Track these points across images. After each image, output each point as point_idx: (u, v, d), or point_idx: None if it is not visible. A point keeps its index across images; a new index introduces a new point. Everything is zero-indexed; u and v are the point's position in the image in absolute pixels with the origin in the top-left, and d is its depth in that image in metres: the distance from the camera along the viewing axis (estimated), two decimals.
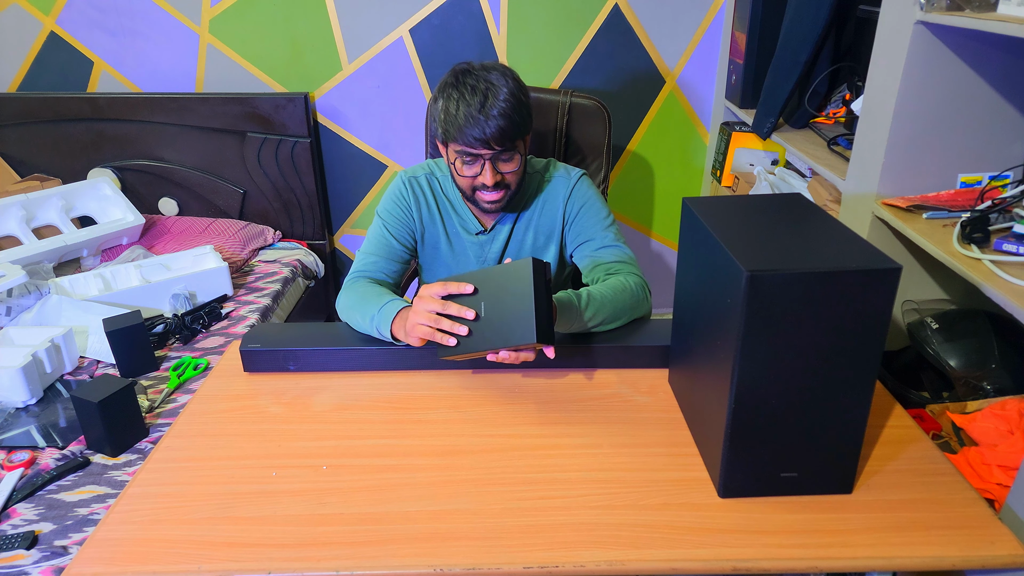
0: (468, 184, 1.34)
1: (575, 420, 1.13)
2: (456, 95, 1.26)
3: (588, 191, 1.45)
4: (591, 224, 1.43)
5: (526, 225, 1.47)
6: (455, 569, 0.87)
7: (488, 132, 1.24)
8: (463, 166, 1.32)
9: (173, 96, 2.51)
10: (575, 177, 1.45)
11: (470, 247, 1.49)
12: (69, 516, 1.30)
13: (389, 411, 1.17)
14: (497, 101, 1.24)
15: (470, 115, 1.24)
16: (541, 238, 1.48)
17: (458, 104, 1.25)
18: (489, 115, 1.23)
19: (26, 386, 1.57)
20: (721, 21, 2.46)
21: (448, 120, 1.27)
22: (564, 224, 1.46)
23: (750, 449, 0.93)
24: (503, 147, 1.28)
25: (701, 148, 2.68)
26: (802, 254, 0.87)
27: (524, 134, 1.32)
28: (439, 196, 1.47)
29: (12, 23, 2.50)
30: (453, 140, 1.29)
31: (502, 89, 1.26)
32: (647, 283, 1.36)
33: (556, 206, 1.45)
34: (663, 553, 0.88)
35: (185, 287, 2.01)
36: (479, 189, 1.34)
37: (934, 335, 1.48)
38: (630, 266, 1.39)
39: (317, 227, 2.69)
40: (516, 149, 1.31)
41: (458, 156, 1.31)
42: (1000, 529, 0.90)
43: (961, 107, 1.46)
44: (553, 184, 1.45)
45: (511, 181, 1.35)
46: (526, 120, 1.31)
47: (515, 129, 1.27)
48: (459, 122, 1.25)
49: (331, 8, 2.45)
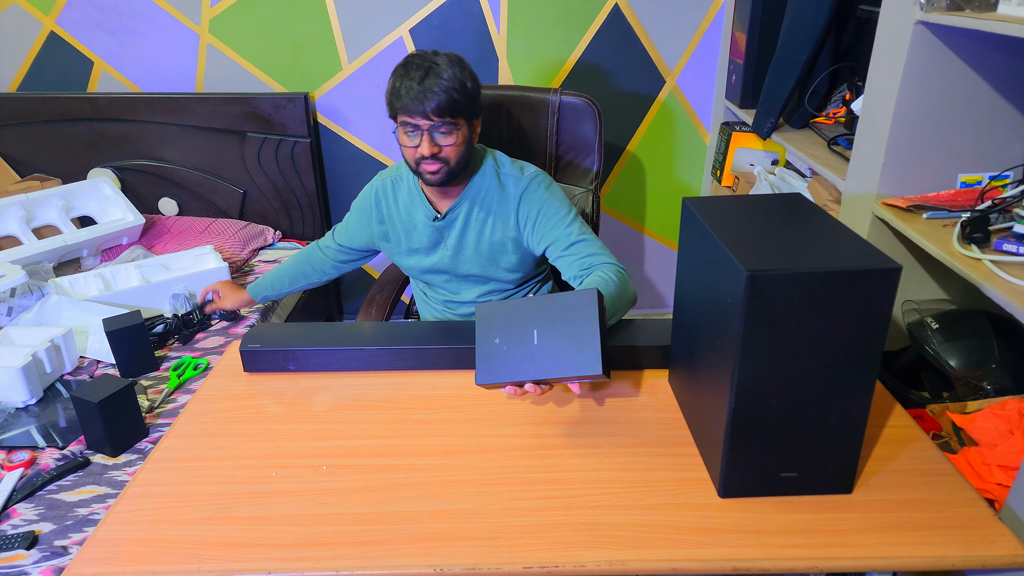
0: (411, 156, 1.40)
1: (575, 420, 1.13)
2: (402, 72, 1.36)
3: (540, 193, 1.48)
4: (553, 225, 1.46)
5: (485, 213, 1.51)
6: (455, 569, 0.87)
7: (425, 104, 1.32)
8: (405, 137, 1.39)
9: (173, 96, 2.51)
10: (524, 183, 1.48)
11: (427, 231, 1.54)
12: (69, 516, 1.30)
13: (389, 411, 1.17)
14: (438, 79, 1.33)
15: (410, 87, 1.33)
16: (497, 233, 1.51)
17: (401, 80, 1.35)
18: (428, 89, 1.32)
19: (26, 386, 1.57)
20: (721, 21, 2.46)
21: (392, 93, 1.36)
22: (520, 228, 1.50)
23: (750, 449, 0.93)
24: (441, 120, 1.35)
25: (701, 148, 2.68)
26: (802, 254, 0.87)
27: (466, 115, 1.39)
28: (400, 192, 1.55)
29: (12, 23, 2.50)
30: (398, 111, 1.37)
31: (445, 70, 1.34)
32: (623, 268, 1.39)
33: (508, 208, 1.50)
34: (663, 553, 0.88)
35: (185, 287, 2.01)
36: (420, 161, 1.40)
37: (934, 335, 1.48)
38: (602, 256, 1.41)
39: (317, 227, 2.69)
40: (456, 126, 1.37)
41: (402, 127, 1.39)
42: (1000, 529, 0.90)
43: (961, 107, 1.46)
44: (504, 183, 1.50)
45: (449, 155, 1.39)
46: (468, 102, 1.38)
47: (453, 105, 1.34)
48: (401, 94, 1.34)
49: (331, 8, 2.46)
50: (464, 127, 1.39)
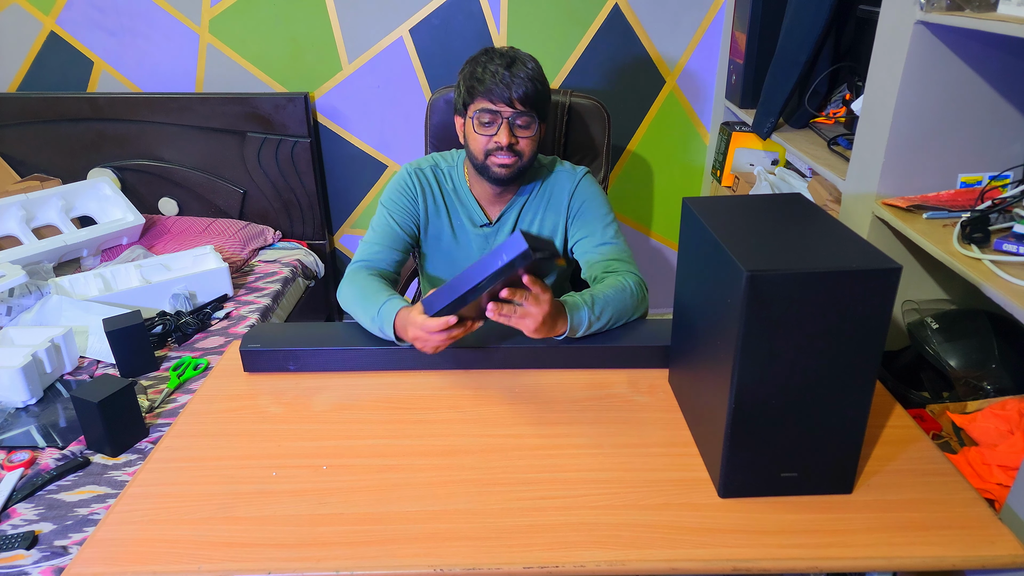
0: (483, 146, 1.35)
1: (575, 420, 1.13)
2: (485, 59, 1.33)
3: (592, 188, 1.48)
4: (592, 220, 1.45)
5: (531, 217, 1.48)
6: (455, 569, 0.87)
7: (512, 89, 1.29)
8: (481, 126, 1.33)
9: (173, 96, 2.51)
10: (580, 174, 1.48)
11: (474, 239, 1.49)
12: (69, 516, 1.30)
13: (389, 411, 1.17)
14: (524, 67, 1.31)
15: (496, 72, 1.30)
16: (546, 231, 1.50)
17: (485, 66, 1.31)
18: (515, 75, 1.30)
19: (26, 386, 1.57)
20: (721, 21, 2.46)
21: (474, 78, 1.32)
22: (568, 219, 1.48)
23: (750, 449, 0.93)
24: (524, 109, 1.31)
25: (701, 148, 2.68)
26: (802, 254, 0.87)
27: (542, 111, 1.36)
28: (445, 187, 1.48)
29: (12, 23, 2.50)
30: (477, 97, 1.32)
31: (530, 62, 1.33)
32: (644, 281, 1.37)
33: (561, 201, 1.47)
34: (663, 553, 0.88)
35: (185, 287, 2.01)
36: (492, 153, 1.34)
37: (934, 335, 1.48)
38: (628, 264, 1.40)
39: (317, 227, 2.69)
40: (535, 119, 1.34)
41: (477, 115, 1.33)
42: (1000, 529, 0.90)
43: (961, 107, 1.46)
44: (558, 179, 1.48)
45: (524, 149, 1.36)
46: (545, 100, 1.36)
47: (537, 96, 1.32)
48: (485, 78, 1.30)
49: (331, 8, 2.45)
50: (539, 125, 1.37)
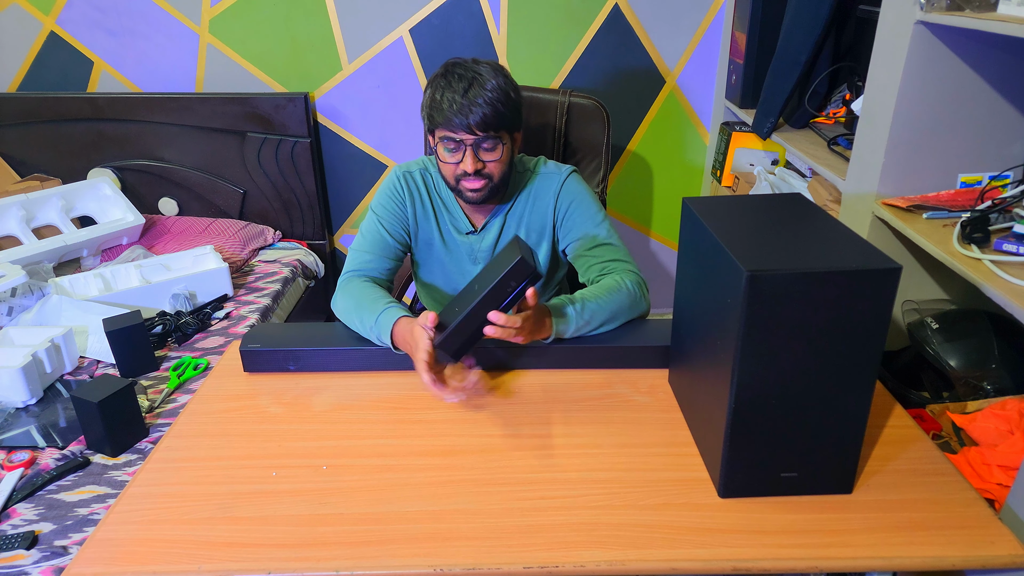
0: (451, 172, 1.34)
1: (575, 420, 1.13)
2: (443, 83, 1.29)
3: (578, 187, 1.45)
4: (583, 220, 1.43)
5: (517, 222, 1.47)
6: (455, 569, 0.87)
7: (470, 117, 1.26)
8: (446, 153, 1.32)
9: (173, 96, 2.51)
10: (565, 173, 1.44)
11: (462, 246, 1.49)
12: (69, 516, 1.30)
13: (389, 411, 1.17)
14: (483, 90, 1.26)
15: (453, 100, 1.26)
16: (533, 235, 1.48)
17: (443, 91, 1.28)
18: (473, 101, 1.25)
19: (26, 386, 1.57)
20: (721, 21, 2.46)
21: (433, 106, 1.29)
22: (555, 221, 1.46)
23: (750, 449, 0.93)
24: (485, 134, 1.28)
25: (701, 148, 2.68)
26: (802, 254, 0.87)
27: (510, 128, 1.33)
28: (432, 193, 1.47)
29: (12, 23, 2.50)
30: (438, 126, 1.30)
31: (489, 80, 1.28)
32: (644, 280, 1.36)
33: (547, 203, 1.45)
34: (663, 553, 0.88)
35: (185, 287, 2.01)
36: (462, 178, 1.34)
37: (934, 335, 1.48)
38: (625, 263, 1.38)
39: (317, 227, 2.69)
40: (500, 140, 1.31)
41: (442, 143, 1.32)
42: (1000, 529, 0.90)
43: (961, 107, 1.46)
44: (543, 181, 1.45)
45: (493, 171, 1.34)
46: (513, 115, 1.31)
47: (498, 119, 1.28)
48: (443, 107, 1.27)
49: (331, 8, 2.45)
50: (508, 142, 1.33)
